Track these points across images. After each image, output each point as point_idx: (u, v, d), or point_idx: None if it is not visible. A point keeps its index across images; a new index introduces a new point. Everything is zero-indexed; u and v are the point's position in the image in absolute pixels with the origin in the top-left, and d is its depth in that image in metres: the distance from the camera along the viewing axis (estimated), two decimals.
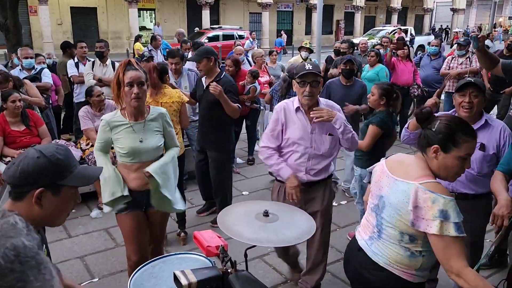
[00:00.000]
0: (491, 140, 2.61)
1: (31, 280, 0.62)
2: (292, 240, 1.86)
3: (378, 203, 1.90)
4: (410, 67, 7.11)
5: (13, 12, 6.96)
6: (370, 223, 1.96)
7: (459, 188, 2.72)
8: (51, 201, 1.33)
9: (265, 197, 4.92)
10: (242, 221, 1.92)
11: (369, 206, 1.99)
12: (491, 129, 2.63)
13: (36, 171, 1.30)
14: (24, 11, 20.16)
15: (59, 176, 1.33)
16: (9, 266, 0.60)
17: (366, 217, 2.01)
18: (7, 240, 0.62)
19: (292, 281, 3.36)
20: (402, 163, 1.87)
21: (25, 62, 5.52)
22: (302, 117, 2.79)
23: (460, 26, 34.96)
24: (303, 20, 31.29)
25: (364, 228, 2.00)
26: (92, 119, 4.78)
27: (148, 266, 1.97)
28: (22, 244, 0.63)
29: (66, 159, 1.37)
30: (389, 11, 33.52)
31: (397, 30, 21.83)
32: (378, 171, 1.94)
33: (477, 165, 2.63)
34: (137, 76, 2.45)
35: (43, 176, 1.31)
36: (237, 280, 1.70)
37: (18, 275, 0.60)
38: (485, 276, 3.35)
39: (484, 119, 2.65)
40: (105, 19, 23.82)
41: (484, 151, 2.61)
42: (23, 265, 0.62)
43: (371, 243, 1.93)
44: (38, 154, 1.33)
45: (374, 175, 1.97)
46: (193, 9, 25.46)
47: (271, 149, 2.86)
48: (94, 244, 3.91)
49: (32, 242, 0.65)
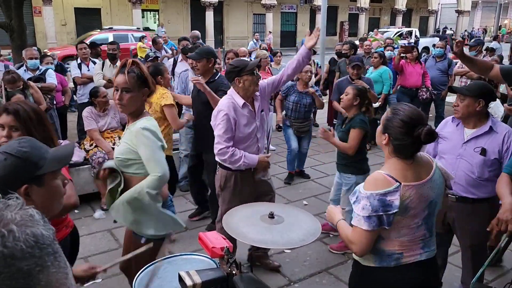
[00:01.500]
0: (493, 145, 2.59)
1: (48, 265, 0.68)
2: (298, 242, 1.85)
3: (429, 211, 1.84)
4: (419, 69, 7.06)
5: (17, 12, 6.99)
6: (418, 237, 1.85)
7: (459, 192, 2.70)
8: (39, 193, 1.32)
9: None
10: (247, 222, 1.91)
11: (413, 227, 1.82)
12: (494, 134, 2.61)
13: (11, 172, 1.28)
14: (29, 11, 20.25)
15: (35, 167, 1.31)
16: (30, 250, 0.66)
17: (411, 238, 1.84)
18: (27, 228, 0.68)
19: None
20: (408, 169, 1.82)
21: (29, 63, 5.55)
22: (248, 111, 3.04)
23: (465, 28, 34.87)
24: (307, 21, 31.28)
25: (412, 248, 1.85)
26: (96, 119, 4.79)
27: (153, 266, 1.96)
28: (40, 232, 0.69)
29: (33, 149, 1.34)
30: (393, 12, 33.45)
31: (404, 35, 21.77)
32: (412, 195, 1.77)
33: (477, 169, 2.62)
34: (122, 81, 2.22)
35: (19, 174, 1.29)
36: (241, 282, 1.69)
37: (37, 259, 0.66)
38: (489, 280, 3.32)
39: (489, 125, 2.62)
40: (109, 20, 23.89)
41: (484, 156, 2.59)
42: (41, 250, 0.67)
43: (428, 247, 1.89)
44: (4, 156, 1.30)
45: (409, 202, 1.78)
46: (196, 10, 25.51)
47: (231, 147, 2.97)
48: (98, 245, 3.91)
49: (48, 232, 0.71)
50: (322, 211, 4.54)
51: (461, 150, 2.69)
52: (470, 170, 2.65)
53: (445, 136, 2.80)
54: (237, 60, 3.11)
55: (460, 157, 2.68)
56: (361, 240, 1.78)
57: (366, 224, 1.74)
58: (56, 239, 0.73)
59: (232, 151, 2.95)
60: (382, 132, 1.87)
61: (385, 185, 1.74)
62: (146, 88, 2.29)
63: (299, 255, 3.73)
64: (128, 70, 2.23)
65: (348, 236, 1.84)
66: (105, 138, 4.75)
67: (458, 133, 2.73)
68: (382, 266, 1.84)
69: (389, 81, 6.64)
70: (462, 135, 2.70)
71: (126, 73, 2.21)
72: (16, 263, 0.64)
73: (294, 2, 30.40)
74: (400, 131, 1.78)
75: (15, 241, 0.65)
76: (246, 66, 2.95)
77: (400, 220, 1.78)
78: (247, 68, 2.94)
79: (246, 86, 2.96)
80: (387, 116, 1.88)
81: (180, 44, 6.22)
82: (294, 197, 5.06)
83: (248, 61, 3.10)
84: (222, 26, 27.94)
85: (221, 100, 3.07)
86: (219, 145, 2.96)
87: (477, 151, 2.62)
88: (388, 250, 1.83)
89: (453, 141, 2.74)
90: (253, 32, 24.45)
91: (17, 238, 0.66)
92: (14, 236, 0.66)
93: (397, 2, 32.07)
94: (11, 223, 0.67)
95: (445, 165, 2.70)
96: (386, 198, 1.72)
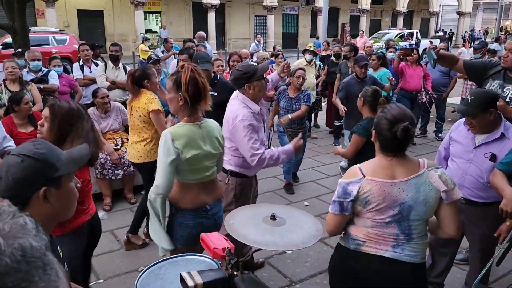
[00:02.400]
0: (504, 151, 2.55)
1: (36, 280, 0.62)
2: (299, 244, 1.86)
3: (399, 212, 1.87)
4: (420, 72, 6.96)
5: (20, 14, 7.02)
6: (388, 235, 1.92)
7: (468, 196, 2.71)
8: (57, 196, 1.30)
9: (272, 200, 4.92)
10: (249, 224, 1.92)
11: (379, 222, 1.91)
12: (506, 141, 2.58)
13: (29, 174, 1.26)
14: (32, 14, 20.33)
15: (53, 169, 1.29)
16: (15, 266, 0.61)
17: (378, 232, 1.93)
18: (15, 240, 0.63)
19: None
20: (384, 167, 1.92)
21: (32, 64, 5.57)
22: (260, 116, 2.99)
23: (466, 30, 34.84)
24: (308, 23, 31.31)
25: (378, 241, 1.94)
26: (98, 120, 4.82)
27: (154, 267, 1.98)
28: (29, 244, 0.64)
29: (50, 151, 1.32)
30: (394, 14, 33.45)
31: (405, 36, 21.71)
32: (373, 189, 1.87)
33: (486, 174, 2.61)
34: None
35: (38, 176, 1.27)
36: (242, 283, 1.70)
37: (23, 275, 0.61)
38: (492, 280, 3.33)
39: (501, 132, 2.59)
40: (112, 22, 23.97)
41: (494, 162, 2.58)
42: (29, 265, 0.62)
43: (401, 250, 1.91)
44: (20, 158, 1.27)
45: (369, 195, 1.88)
46: (198, 12, 25.56)
47: (263, 150, 2.85)
48: (100, 246, 3.88)
49: (40, 243, 0.66)
50: (323, 212, 4.55)
51: (471, 155, 2.69)
52: (479, 175, 2.65)
53: (457, 139, 2.81)
54: (246, 66, 2.98)
55: (470, 161, 2.68)
56: (329, 221, 2.01)
57: (331, 207, 1.98)
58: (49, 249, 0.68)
59: (268, 153, 2.81)
60: (373, 129, 2.01)
61: (352, 175, 1.93)
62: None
63: (300, 255, 3.74)
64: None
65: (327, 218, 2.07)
66: (107, 140, 4.78)
67: (469, 138, 2.72)
68: (345, 245, 2.04)
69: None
70: (473, 140, 2.70)
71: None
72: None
73: (295, 4, 30.44)
74: (384, 128, 1.92)
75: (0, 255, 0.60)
76: (256, 72, 2.85)
77: (361, 211, 1.93)
78: (257, 74, 2.85)
79: (256, 92, 2.87)
80: (378, 114, 2.03)
81: (185, 45, 6.39)
82: (295, 198, 5.07)
83: (257, 66, 2.96)
84: (224, 28, 27.98)
85: (236, 109, 2.86)
86: (255, 157, 2.78)
87: (487, 156, 2.61)
88: (353, 235, 2.00)
89: (464, 145, 2.74)
90: (254, 34, 24.44)
91: (2, 252, 0.61)
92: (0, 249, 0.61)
93: (398, 3, 32.08)
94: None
95: (455, 168, 2.73)
96: (348, 187, 1.91)
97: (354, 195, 1.88)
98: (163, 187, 2.26)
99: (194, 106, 2.32)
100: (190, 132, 2.32)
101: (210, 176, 2.44)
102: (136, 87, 3.65)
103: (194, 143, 2.31)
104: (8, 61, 5.04)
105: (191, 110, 2.34)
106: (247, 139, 2.76)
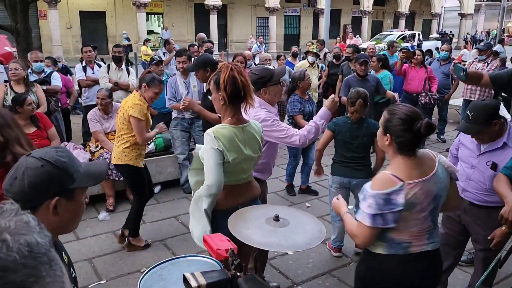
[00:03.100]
0: (505, 161, 2.54)
1: (43, 275, 0.63)
2: (303, 246, 1.86)
3: (434, 204, 1.92)
4: (423, 74, 6.89)
5: (23, 15, 7.03)
6: (426, 228, 1.94)
7: (472, 200, 2.75)
8: (66, 208, 1.26)
9: (275, 201, 4.92)
10: (252, 225, 1.92)
11: (421, 219, 1.90)
12: (508, 150, 2.58)
13: (46, 181, 1.21)
14: (34, 15, 20.40)
15: (70, 180, 1.26)
16: (23, 261, 0.62)
17: (420, 229, 1.92)
18: (21, 236, 0.64)
19: None
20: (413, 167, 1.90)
21: (34, 66, 5.59)
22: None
23: (468, 31, 34.78)
24: (310, 24, 31.34)
25: (420, 238, 1.93)
26: (100, 121, 4.84)
27: (157, 268, 1.98)
28: (35, 241, 0.65)
29: (71, 160, 1.29)
30: (396, 15, 33.44)
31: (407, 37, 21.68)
32: (417, 192, 1.84)
33: (488, 182, 2.63)
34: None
35: (54, 184, 1.23)
36: (245, 283, 1.70)
37: (31, 270, 0.62)
38: (494, 282, 3.32)
39: (503, 141, 2.58)
40: (114, 23, 24.03)
41: (495, 171, 2.58)
42: (35, 260, 0.63)
43: (433, 238, 1.97)
44: (41, 163, 1.23)
45: (414, 198, 1.84)
46: (200, 13, 25.60)
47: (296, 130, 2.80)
48: (102, 246, 3.93)
49: (44, 239, 0.67)
50: (325, 213, 4.55)
51: (475, 161, 2.70)
52: (481, 182, 2.67)
53: (464, 143, 2.82)
54: (263, 70, 2.88)
55: (474, 167, 2.70)
56: (364, 235, 1.89)
57: (370, 222, 1.83)
58: (52, 245, 0.69)
59: (306, 130, 2.75)
60: (384, 134, 1.95)
61: (390, 184, 1.82)
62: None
63: (302, 257, 3.74)
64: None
65: (352, 229, 1.95)
66: (110, 140, 4.79)
67: (474, 144, 2.72)
68: (391, 253, 1.93)
69: (389, 85, 6.46)
70: (478, 146, 2.70)
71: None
72: (8, 275, 0.60)
73: (297, 5, 30.47)
74: (400, 128, 1.88)
75: (8, 251, 0.61)
76: (272, 76, 2.79)
77: (407, 215, 1.86)
78: (273, 78, 2.79)
79: (272, 96, 2.81)
80: (385, 118, 1.96)
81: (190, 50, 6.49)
82: (296, 199, 5.07)
83: (273, 70, 2.89)
84: (226, 29, 28.02)
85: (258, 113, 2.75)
86: (294, 139, 2.72)
87: (489, 165, 2.62)
88: (398, 239, 1.91)
89: (470, 151, 2.76)
90: (257, 35, 24.46)
91: (10, 249, 0.61)
92: (8, 246, 0.61)
93: (400, 5, 32.07)
94: (5, 231, 0.63)
95: (461, 172, 2.73)
96: (390, 197, 1.80)
97: (403, 203, 1.80)
98: (215, 185, 2.22)
99: (235, 106, 2.30)
100: (232, 134, 2.28)
101: (247, 178, 2.43)
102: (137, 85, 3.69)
103: (235, 146, 2.27)
104: (13, 62, 5.07)
105: (233, 110, 2.30)
106: (278, 130, 2.72)
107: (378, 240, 1.93)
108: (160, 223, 4.39)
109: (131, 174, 3.74)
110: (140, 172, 3.78)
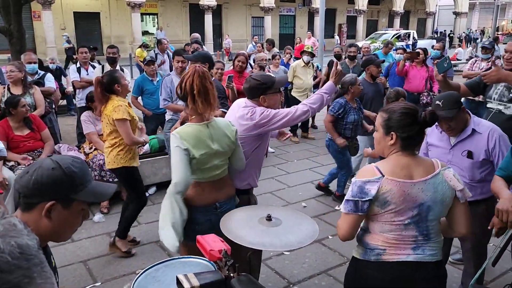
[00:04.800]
0: (479, 146, 2.58)
1: (35, 276, 0.65)
2: (295, 244, 1.86)
3: (418, 213, 1.84)
4: (424, 73, 6.86)
5: (17, 17, 7.00)
6: (407, 237, 1.87)
7: None
8: (60, 214, 1.28)
9: (270, 201, 4.92)
10: (245, 225, 1.92)
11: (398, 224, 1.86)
12: (477, 136, 2.61)
13: (50, 183, 1.25)
14: (28, 16, 20.31)
15: (73, 190, 1.29)
16: (16, 262, 0.63)
17: (397, 236, 1.87)
18: (11, 238, 0.65)
19: None
20: (402, 167, 1.86)
21: (28, 67, 5.56)
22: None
23: (463, 30, 34.92)
24: (305, 24, 31.38)
25: (398, 246, 1.88)
26: (94, 123, 4.83)
27: (151, 269, 1.97)
28: (25, 243, 0.66)
29: (81, 172, 1.32)
30: (391, 14, 33.57)
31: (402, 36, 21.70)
32: (394, 190, 1.81)
33: (468, 173, 2.64)
34: None
35: (56, 189, 1.26)
36: (239, 284, 1.70)
37: (25, 271, 0.63)
38: (488, 281, 3.33)
39: (471, 128, 2.61)
40: (108, 24, 23.97)
41: (472, 159, 2.61)
42: (28, 261, 0.64)
43: (422, 251, 1.88)
44: (54, 165, 1.27)
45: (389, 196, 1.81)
46: (195, 13, 25.58)
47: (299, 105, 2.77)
48: (97, 248, 3.92)
49: (33, 241, 0.68)
50: (321, 213, 4.55)
51: (449, 156, 2.70)
52: (461, 175, 2.63)
53: (434, 143, 2.82)
54: (264, 76, 2.76)
55: (450, 162, 2.67)
56: (341, 223, 1.89)
57: (344, 207, 1.86)
58: (40, 248, 0.69)
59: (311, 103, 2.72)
60: (386, 134, 1.91)
61: (370, 175, 1.84)
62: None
63: (298, 256, 3.74)
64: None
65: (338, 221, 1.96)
66: (104, 141, 4.76)
67: (444, 140, 2.74)
68: (364, 259, 1.92)
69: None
70: (448, 141, 2.73)
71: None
72: (4, 276, 0.61)
73: (292, 5, 30.50)
74: (406, 123, 1.85)
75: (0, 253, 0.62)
76: (273, 84, 2.69)
77: (379, 212, 1.84)
78: (274, 86, 2.69)
79: (271, 105, 2.69)
80: (383, 118, 1.92)
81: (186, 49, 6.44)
82: (293, 199, 5.07)
83: (275, 78, 2.78)
84: (221, 29, 28.00)
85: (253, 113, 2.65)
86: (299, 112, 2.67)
87: (464, 154, 2.63)
88: (371, 244, 1.90)
89: (441, 148, 2.76)
90: (252, 35, 24.47)
91: (1, 250, 0.62)
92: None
93: (395, 4, 32.18)
94: None
95: None
96: (365, 186, 1.81)
97: (373, 194, 1.79)
98: (180, 184, 2.30)
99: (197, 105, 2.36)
100: (198, 131, 2.36)
101: (221, 174, 2.48)
102: (105, 93, 3.52)
103: (202, 143, 2.35)
104: (9, 64, 5.06)
105: (196, 109, 2.38)
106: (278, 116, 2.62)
107: (358, 244, 1.96)
108: (155, 224, 4.37)
109: (128, 175, 3.73)
110: (137, 171, 3.81)
